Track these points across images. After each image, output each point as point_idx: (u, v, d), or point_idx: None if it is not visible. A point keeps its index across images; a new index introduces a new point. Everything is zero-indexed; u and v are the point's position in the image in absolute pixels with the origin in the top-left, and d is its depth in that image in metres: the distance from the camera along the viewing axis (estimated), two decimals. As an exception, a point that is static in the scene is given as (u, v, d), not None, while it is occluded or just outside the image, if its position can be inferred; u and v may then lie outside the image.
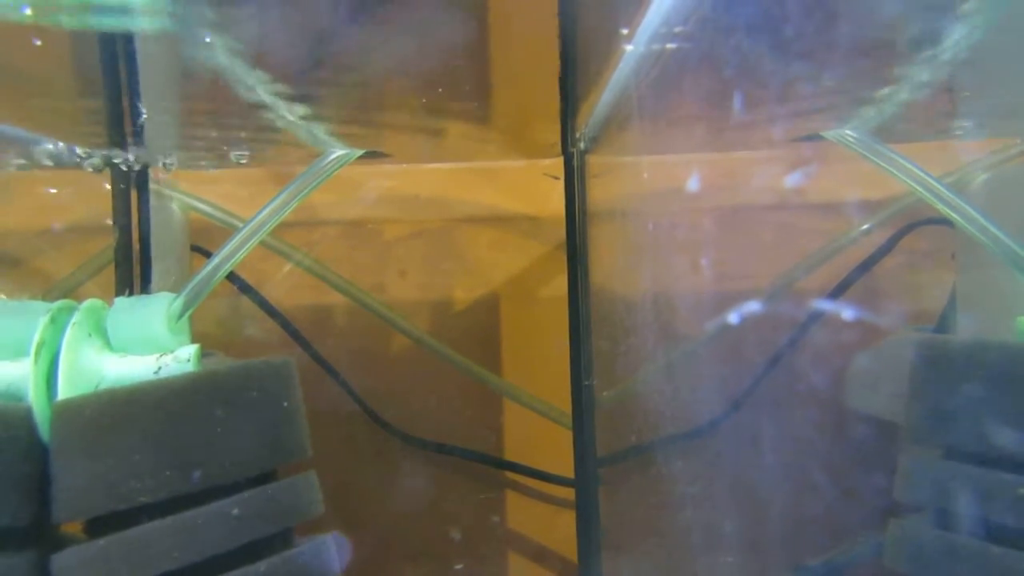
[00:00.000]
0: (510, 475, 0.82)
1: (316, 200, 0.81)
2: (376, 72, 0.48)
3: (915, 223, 0.67)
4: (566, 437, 0.81)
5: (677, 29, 0.25)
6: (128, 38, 0.44)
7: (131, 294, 0.46)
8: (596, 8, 0.34)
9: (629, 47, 0.29)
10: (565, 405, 0.81)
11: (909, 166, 0.41)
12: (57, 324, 0.39)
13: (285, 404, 0.40)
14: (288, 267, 0.70)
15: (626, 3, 0.28)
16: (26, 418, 0.36)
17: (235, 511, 0.37)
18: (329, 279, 0.69)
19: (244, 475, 0.38)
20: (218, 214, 0.60)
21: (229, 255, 0.43)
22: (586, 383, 0.44)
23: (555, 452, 0.80)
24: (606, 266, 0.48)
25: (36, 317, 0.39)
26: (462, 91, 0.54)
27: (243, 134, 0.51)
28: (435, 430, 0.78)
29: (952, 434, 0.35)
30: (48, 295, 0.54)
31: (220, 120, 0.48)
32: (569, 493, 0.82)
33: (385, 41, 0.44)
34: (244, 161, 0.55)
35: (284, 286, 0.78)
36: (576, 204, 0.45)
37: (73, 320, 0.39)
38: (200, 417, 0.37)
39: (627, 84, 0.32)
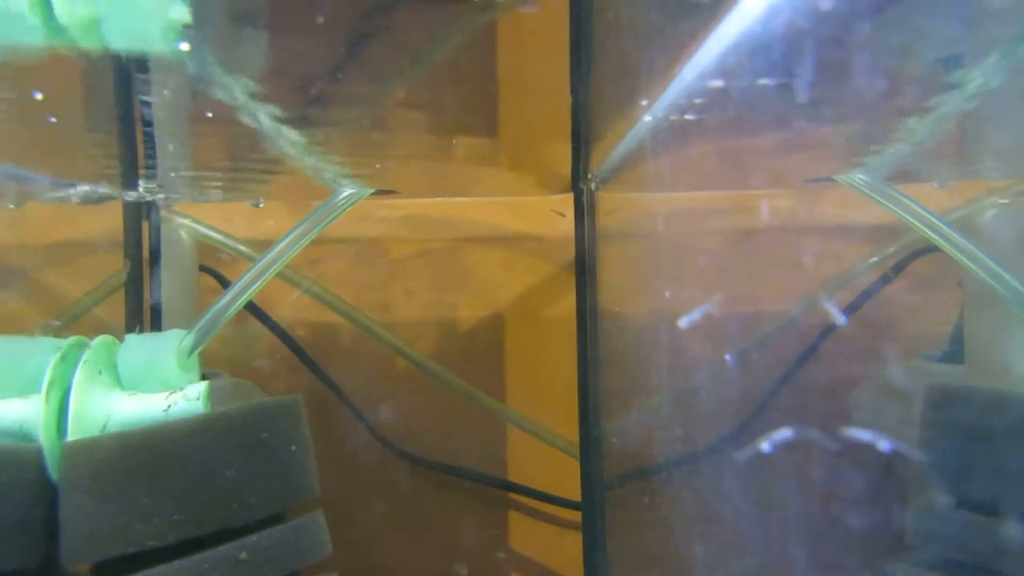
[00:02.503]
0: (514, 496, 0.82)
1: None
2: (384, 110, 0.48)
3: (921, 250, 0.67)
4: (568, 458, 0.81)
5: (696, 101, 0.25)
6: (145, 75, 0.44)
7: (141, 325, 0.46)
8: (611, 74, 0.34)
9: (647, 118, 0.29)
10: (570, 425, 0.81)
11: (918, 209, 0.42)
12: (68, 361, 0.39)
13: (295, 446, 0.40)
14: (296, 294, 0.70)
15: (647, 78, 0.28)
16: (36, 459, 0.36)
17: (243, 555, 0.37)
18: (336, 305, 0.69)
19: (253, 517, 0.38)
20: (226, 240, 0.60)
21: (240, 292, 0.43)
22: (594, 433, 0.44)
23: (557, 472, 0.80)
24: (618, 294, 0.48)
25: (46, 354, 0.39)
26: (473, 128, 0.55)
27: (250, 171, 0.51)
28: (437, 450, 0.78)
29: (967, 484, 0.35)
30: (58, 319, 0.54)
31: (228, 158, 0.48)
32: (573, 515, 0.82)
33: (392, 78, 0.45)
34: (260, 203, 0.56)
35: (289, 306, 0.78)
36: (585, 237, 0.45)
37: (84, 358, 0.39)
38: (211, 460, 0.37)
39: (644, 136, 0.32)
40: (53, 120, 0.44)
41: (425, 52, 0.45)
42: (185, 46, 0.37)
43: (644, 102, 0.29)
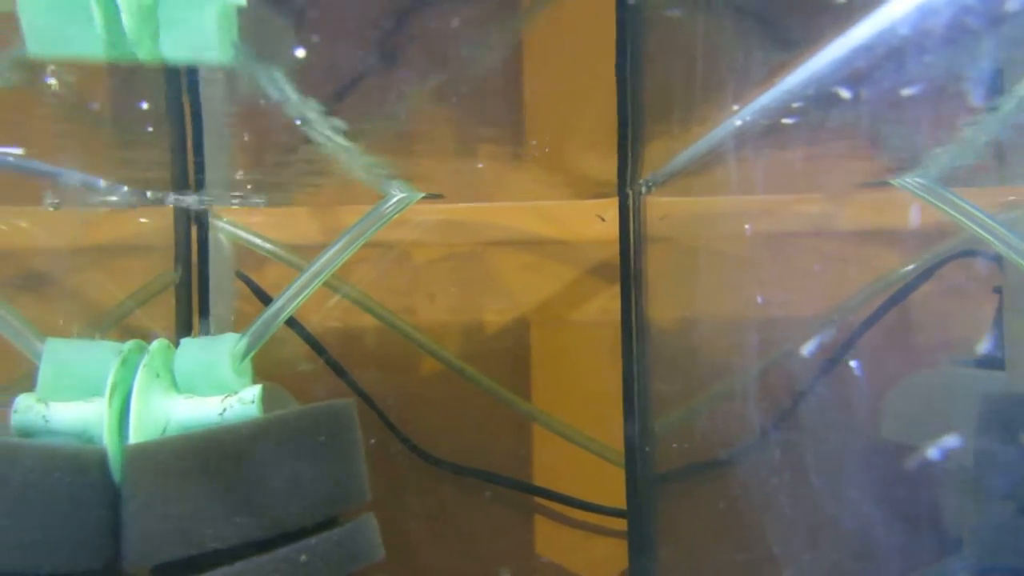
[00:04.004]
0: (539, 500, 0.82)
1: (347, 222, 0.82)
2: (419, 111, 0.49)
3: (953, 255, 0.67)
4: (595, 461, 0.81)
5: (795, 105, 0.25)
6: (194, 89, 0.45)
7: (190, 330, 0.46)
8: (675, 79, 0.34)
9: (738, 122, 0.29)
10: (595, 429, 0.81)
11: (976, 212, 0.42)
12: (128, 365, 0.39)
13: (349, 449, 0.41)
14: (335, 299, 0.70)
15: (737, 82, 0.28)
16: (101, 461, 0.36)
17: (303, 558, 0.37)
18: (376, 311, 0.70)
19: (311, 520, 0.39)
20: (265, 245, 0.61)
21: (292, 297, 0.44)
22: (641, 437, 0.44)
23: (585, 476, 0.80)
24: (688, 298, 0.48)
25: (107, 357, 0.40)
26: (499, 131, 0.55)
27: (293, 174, 0.52)
28: (464, 454, 0.79)
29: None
30: (100, 323, 0.55)
31: (274, 161, 0.49)
32: (600, 519, 0.82)
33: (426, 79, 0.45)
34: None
35: (316, 310, 0.78)
36: (631, 242, 0.45)
37: (143, 362, 0.39)
38: (271, 463, 0.38)
39: (727, 139, 0.33)
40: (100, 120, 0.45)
41: (459, 53, 0.45)
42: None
43: (736, 107, 0.29)
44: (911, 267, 0.58)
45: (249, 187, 0.56)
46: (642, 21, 0.41)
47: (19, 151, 0.34)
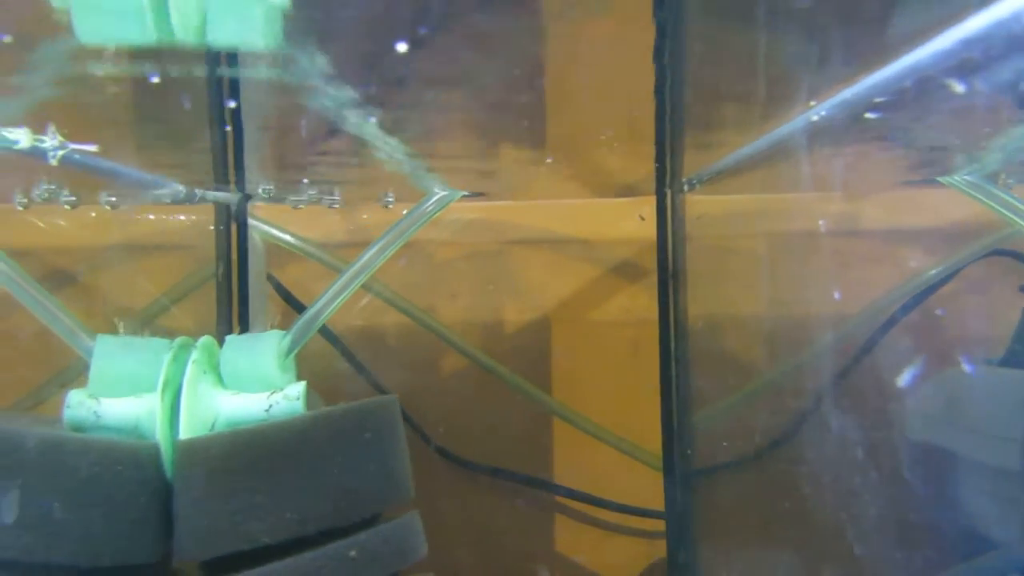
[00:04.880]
0: (559, 498, 0.82)
1: (369, 222, 0.82)
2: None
3: (979, 254, 0.67)
4: (616, 460, 0.81)
5: (878, 100, 0.25)
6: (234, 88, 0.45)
7: (230, 327, 0.47)
8: (728, 78, 0.34)
9: (815, 118, 0.29)
10: (617, 428, 0.81)
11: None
12: (178, 362, 0.40)
13: (394, 446, 0.41)
14: (366, 299, 0.70)
15: (809, 74, 0.29)
16: (155, 456, 0.37)
17: (352, 553, 0.37)
18: (408, 310, 0.70)
19: (359, 516, 0.39)
20: (297, 243, 0.61)
21: (335, 295, 0.44)
22: (681, 434, 0.45)
23: (605, 473, 0.80)
24: (720, 297, 0.48)
25: (156, 353, 0.40)
26: (520, 131, 0.55)
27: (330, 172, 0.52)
28: (486, 452, 0.79)
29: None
30: (137, 320, 0.55)
31: (313, 161, 0.49)
32: (618, 518, 0.83)
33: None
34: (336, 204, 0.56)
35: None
36: (669, 240, 0.45)
37: (193, 358, 0.40)
38: (320, 459, 0.38)
39: (794, 136, 0.33)
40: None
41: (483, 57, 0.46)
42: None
43: (813, 102, 0.29)
44: (950, 263, 0.57)
45: (276, 186, 0.57)
46: (683, 23, 0.42)
47: (93, 147, 0.35)
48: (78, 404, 0.38)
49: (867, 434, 0.50)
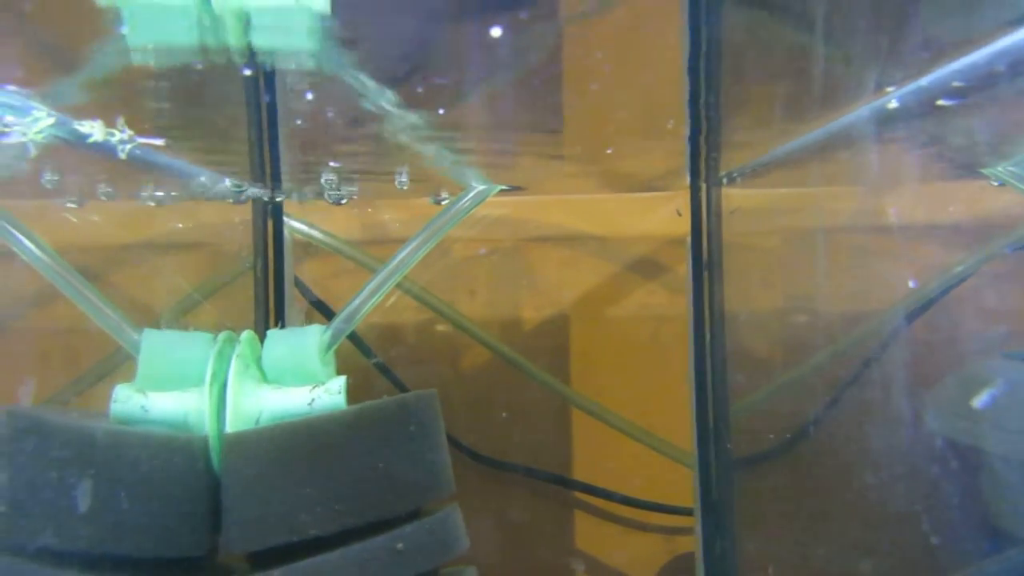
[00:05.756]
0: (577, 494, 0.82)
1: (387, 219, 0.83)
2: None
3: (1000, 249, 0.67)
4: (635, 456, 0.81)
5: (956, 84, 0.25)
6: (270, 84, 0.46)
7: (268, 323, 0.47)
8: (774, 73, 0.34)
9: (893, 103, 0.29)
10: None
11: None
12: (223, 356, 0.40)
13: (436, 440, 0.41)
14: (394, 297, 0.71)
15: (884, 60, 0.28)
16: (205, 449, 0.37)
17: (399, 545, 0.38)
18: (436, 306, 0.70)
19: (404, 509, 0.39)
20: (326, 239, 0.61)
21: (375, 290, 0.44)
22: (716, 429, 0.45)
23: (623, 467, 0.80)
24: (753, 291, 0.48)
25: (201, 348, 0.40)
26: (537, 126, 0.55)
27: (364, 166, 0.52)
28: (507, 449, 0.79)
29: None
30: (166, 315, 0.55)
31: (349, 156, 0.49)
32: (638, 514, 0.83)
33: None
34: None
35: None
36: (703, 235, 0.46)
37: (237, 352, 0.40)
38: (366, 452, 0.38)
39: (827, 133, 0.33)
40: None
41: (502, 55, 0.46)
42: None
43: (890, 87, 0.29)
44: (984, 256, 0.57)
45: (307, 183, 0.57)
46: (720, 17, 0.42)
47: (160, 141, 0.35)
48: (126, 398, 0.38)
49: (899, 428, 0.50)
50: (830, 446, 0.50)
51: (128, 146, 0.33)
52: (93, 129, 0.32)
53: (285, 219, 0.57)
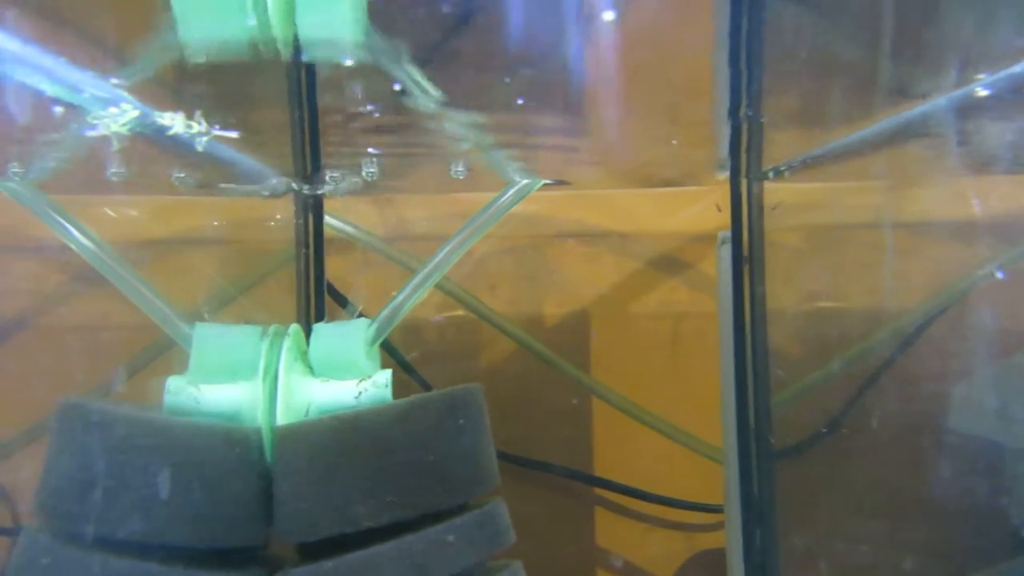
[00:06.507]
0: (598, 491, 0.82)
1: (408, 215, 0.83)
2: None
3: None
4: (655, 450, 0.82)
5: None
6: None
7: (308, 318, 0.47)
8: (831, 67, 0.34)
9: (984, 93, 0.29)
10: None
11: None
12: (273, 348, 0.40)
13: (484, 433, 0.41)
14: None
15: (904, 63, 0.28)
16: (259, 441, 0.37)
17: (450, 538, 0.38)
18: (467, 300, 0.70)
19: (454, 502, 0.39)
20: (357, 233, 0.61)
21: (416, 287, 0.45)
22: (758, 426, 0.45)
23: (643, 463, 0.80)
24: (797, 287, 0.48)
25: (252, 341, 0.40)
26: (559, 120, 0.55)
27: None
28: (529, 446, 0.79)
29: None
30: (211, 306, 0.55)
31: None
32: (660, 511, 0.83)
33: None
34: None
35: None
36: (744, 230, 0.46)
37: (286, 345, 0.40)
38: (418, 444, 0.38)
39: (880, 130, 0.33)
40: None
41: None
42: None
43: (983, 75, 0.29)
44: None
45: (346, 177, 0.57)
46: (762, 9, 0.41)
47: (235, 134, 0.35)
48: (178, 391, 0.39)
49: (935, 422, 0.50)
50: (880, 437, 0.50)
51: (204, 139, 0.34)
52: (174, 121, 0.33)
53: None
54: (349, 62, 0.42)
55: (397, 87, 0.43)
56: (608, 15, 0.45)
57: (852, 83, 0.37)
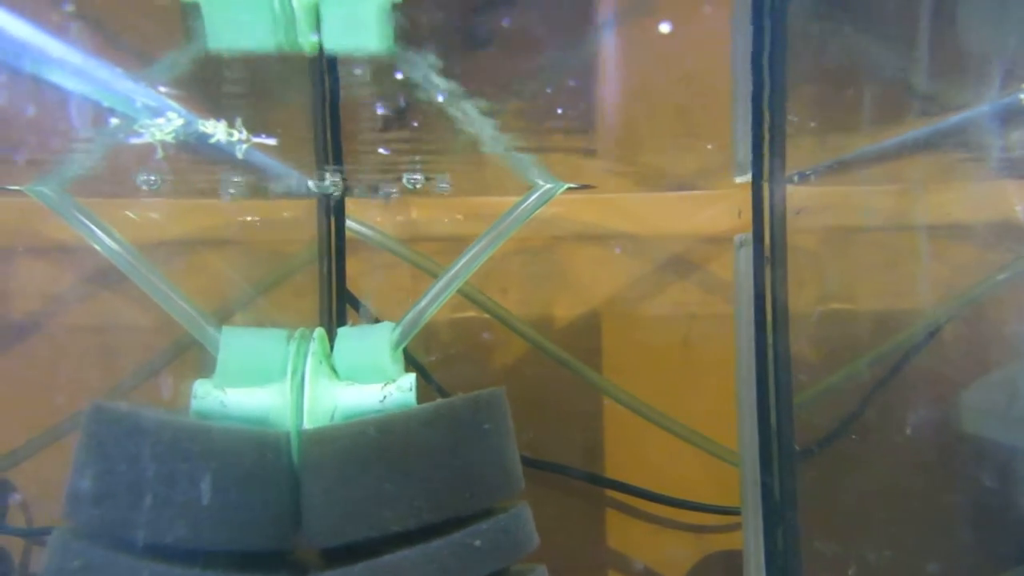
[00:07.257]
0: (610, 493, 0.82)
1: (417, 217, 0.83)
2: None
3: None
4: (666, 452, 0.81)
5: None
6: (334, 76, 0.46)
7: (330, 320, 0.47)
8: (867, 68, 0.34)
9: None
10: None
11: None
12: (300, 352, 0.40)
13: (508, 437, 0.41)
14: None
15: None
16: (287, 445, 0.37)
17: (476, 542, 0.38)
18: (485, 304, 0.70)
19: (479, 506, 0.39)
20: (374, 235, 0.61)
21: (440, 292, 0.45)
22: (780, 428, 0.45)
23: (653, 465, 0.80)
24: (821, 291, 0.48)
25: (278, 345, 0.40)
26: (570, 123, 0.55)
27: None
28: (541, 447, 0.79)
29: None
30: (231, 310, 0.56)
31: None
32: (672, 512, 0.83)
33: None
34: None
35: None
36: (765, 234, 0.46)
37: (312, 349, 0.40)
38: (444, 448, 0.38)
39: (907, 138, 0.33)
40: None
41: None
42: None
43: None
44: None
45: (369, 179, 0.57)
46: (786, 11, 0.41)
47: (273, 141, 0.35)
48: (205, 394, 0.39)
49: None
50: (903, 439, 0.50)
51: (244, 146, 0.34)
52: (216, 129, 0.33)
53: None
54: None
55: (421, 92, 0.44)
56: (626, 21, 0.45)
57: (874, 90, 0.37)
